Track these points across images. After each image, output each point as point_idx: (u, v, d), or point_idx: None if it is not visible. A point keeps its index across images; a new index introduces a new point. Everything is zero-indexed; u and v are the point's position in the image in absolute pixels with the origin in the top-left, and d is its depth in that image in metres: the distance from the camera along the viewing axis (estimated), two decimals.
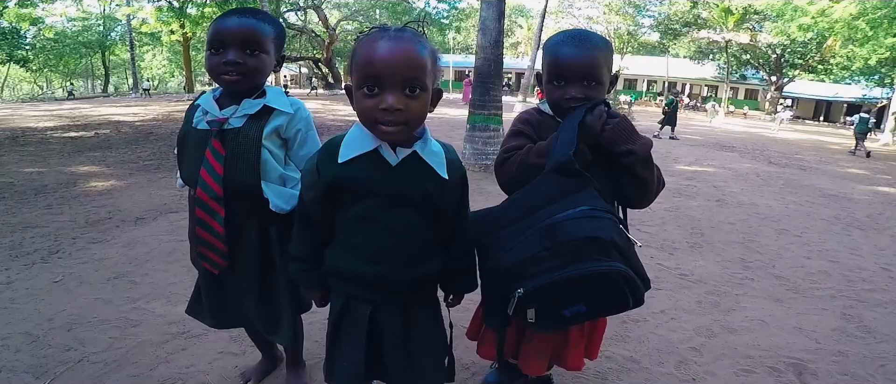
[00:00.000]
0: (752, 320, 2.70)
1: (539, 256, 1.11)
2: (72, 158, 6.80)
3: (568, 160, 1.18)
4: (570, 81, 1.29)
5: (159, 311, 2.42)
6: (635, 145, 1.26)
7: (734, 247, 3.98)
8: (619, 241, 1.13)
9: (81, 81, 43.39)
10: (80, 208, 4.33)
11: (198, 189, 1.35)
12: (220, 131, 1.34)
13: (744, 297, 3.00)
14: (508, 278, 1.14)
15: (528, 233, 1.15)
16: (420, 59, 1.03)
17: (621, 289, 1.13)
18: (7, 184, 5.19)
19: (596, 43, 1.31)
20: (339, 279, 1.20)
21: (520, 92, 19.77)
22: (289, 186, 1.42)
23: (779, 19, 20.38)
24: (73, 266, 3.01)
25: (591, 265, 1.09)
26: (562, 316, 1.16)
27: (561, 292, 1.12)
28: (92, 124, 11.26)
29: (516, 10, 40.73)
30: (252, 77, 1.34)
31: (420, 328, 1.22)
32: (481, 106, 6.34)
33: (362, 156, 1.09)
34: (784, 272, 3.48)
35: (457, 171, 1.18)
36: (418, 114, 1.06)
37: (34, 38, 25.74)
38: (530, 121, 1.41)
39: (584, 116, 1.23)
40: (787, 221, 4.96)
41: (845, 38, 16.63)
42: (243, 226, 1.42)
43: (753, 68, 31.65)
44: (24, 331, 2.25)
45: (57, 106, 18.40)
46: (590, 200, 1.16)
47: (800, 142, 15.49)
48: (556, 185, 1.18)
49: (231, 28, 1.31)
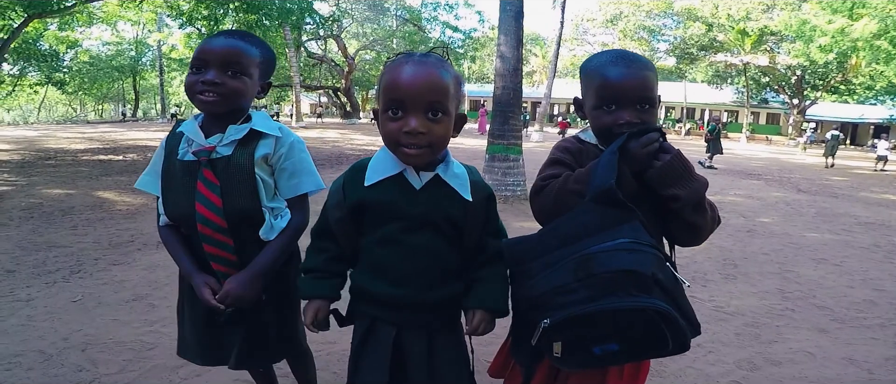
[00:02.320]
0: (797, 351, 2.57)
1: (570, 287, 1.03)
2: (99, 181, 6.95)
3: (610, 188, 1.07)
4: (622, 105, 1.19)
5: (176, 335, 2.35)
6: (684, 190, 1.13)
7: (770, 278, 3.81)
8: (663, 278, 1.03)
9: (111, 105, 44.97)
10: (104, 230, 4.37)
11: (199, 225, 1.27)
12: (209, 161, 1.27)
13: (786, 329, 2.86)
14: (536, 307, 1.07)
15: (562, 263, 1.06)
16: (443, 84, 1.06)
17: (659, 329, 1.01)
18: (36, 204, 5.30)
19: (645, 62, 1.23)
20: (364, 301, 1.20)
21: (536, 121, 19.78)
22: (274, 215, 1.35)
23: (797, 40, 20.03)
24: (94, 287, 3.00)
25: (624, 300, 0.99)
26: (591, 353, 1.05)
27: (591, 327, 1.02)
28: (120, 148, 11.56)
29: (531, 39, 41.20)
30: (231, 99, 1.27)
31: (445, 352, 1.20)
32: (500, 135, 6.25)
33: (387, 179, 1.12)
34: (827, 302, 3.33)
35: (481, 192, 1.18)
36: (441, 137, 1.08)
37: (71, 61, 26.77)
38: (570, 149, 1.29)
39: (626, 141, 1.13)
40: (825, 250, 4.77)
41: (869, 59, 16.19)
42: (249, 252, 1.34)
43: (773, 91, 31.12)
44: (39, 350, 2.22)
45: (90, 128, 19.03)
46: (632, 233, 1.06)
47: (832, 168, 15.05)
48: (597, 216, 1.08)
49: (214, 47, 1.27)
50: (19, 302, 2.75)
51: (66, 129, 18.56)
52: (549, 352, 1.07)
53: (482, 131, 19.44)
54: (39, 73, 23.08)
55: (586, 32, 36.12)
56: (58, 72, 22.65)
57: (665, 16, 33.16)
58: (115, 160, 9.39)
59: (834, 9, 15.59)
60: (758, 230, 5.50)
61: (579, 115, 1.33)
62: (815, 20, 16.60)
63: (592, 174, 1.13)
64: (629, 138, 1.13)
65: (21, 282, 3.05)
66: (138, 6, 12.34)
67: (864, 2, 14.47)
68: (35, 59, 18.21)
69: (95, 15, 16.41)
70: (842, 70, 24.75)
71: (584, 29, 36.33)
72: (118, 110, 42.91)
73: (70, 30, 18.42)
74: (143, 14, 15.66)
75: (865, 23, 14.18)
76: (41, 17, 11.50)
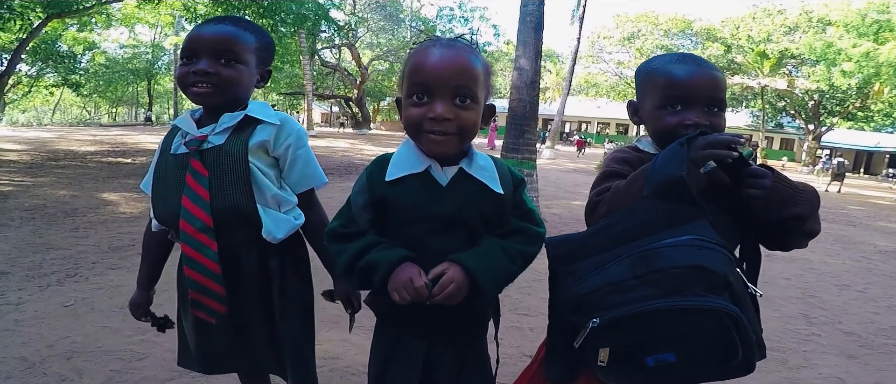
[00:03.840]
0: (827, 377, 2.50)
1: (627, 284, 0.88)
2: (105, 184, 6.91)
3: (679, 180, 0.92)
4: (689, 105, 1.07)
5: (169, 346, 2.24)
6: (801, 207, 1.01)
7: (793, 303, 3.69)
8: (735, 283, 0.88)
9: (125, 109, 45.52)
10: (105, 233, 4.29)
11: (181, 221, 1.14)
12: (199, 151, 1.16)
13: (813, 354, 2.77)
14: (583, 308, 0.92)
15: (617, 260, 0.92)
16: (473, 69, 0.98)
17: (727, 339, 0.85)
18: (39, 205, 5.25)
19: (713, 65, 1.12)
20: (390, 311, 1.05)
21: (549, 138, 19.63)
22: (283, 210, 1.22)
23: (819, 63, 19.77)
24: (88, 291, 2.90)
25: (692, 300, 0.84)
26: (643, 365, 0.89)
27: (648, 331, 0.87)
28: (130, 151, 11.59)
29: (545, 55, 41.00)
30: (226, 89, 1.17)
31: (475, 365, 1.11)
32: (514, 149, 6.05)
33: (411, 177, 1.01)
34: (853, 328, 3.25)
35: (510, 183, 1.08)
36: (470, 124, 0.99)
37: (88, 63, 27.06)
38: (628, 159, 1.16)
39: (695, 137, 0.98)
40: (847, 277, 4.65)
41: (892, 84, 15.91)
42: (242, 263, 1.21)
43: (790, 116, 30.79)
44: (21, 357, 2.12)
45: (104, 131, 19.18)
46: (701, 231, 0.91)
47: (843, 195, 14.78)
48: (660, 213, 0.93)
49: (204, 34, 1.16)
50: (9, 305, 2.65)
51: (80, 132, 18.74)
52: (594, 360, 0.91)
53: (491, 146, 19.34)
54: (56, 74, 23.36)
55: (602, 50, 35.97)
56: (74, 73, 22.86)
57: (683, 36, 32.96)
58: (124, 163, 9.38)
59: (859, 32, 15.37)
60: (776, 255, 5.24)
61: (634, 120, 1.21)
62: (840, 43, 16.36)
63: (653, 168, 0.98)
64: (699, 135, 0.98)
65: (14, 284, 2.96)
66: (155, 7, 12.44)
67: (891, 25, 14.24)
68: (53, 59, 18.44)
69: (114, 16, 16.64)
70: (862, 96, 24.42)
71: (600, 46, 36.20)
72: (132, 114, 43.45)
73: (89, 31, 18.65)
74: (160, 16, 15.82)
75: (891, 47, 13.92)
76: (60, 17, 11.63)
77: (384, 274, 0.96)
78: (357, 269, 0.99)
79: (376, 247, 1.00)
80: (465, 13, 27.81)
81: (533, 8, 5.88)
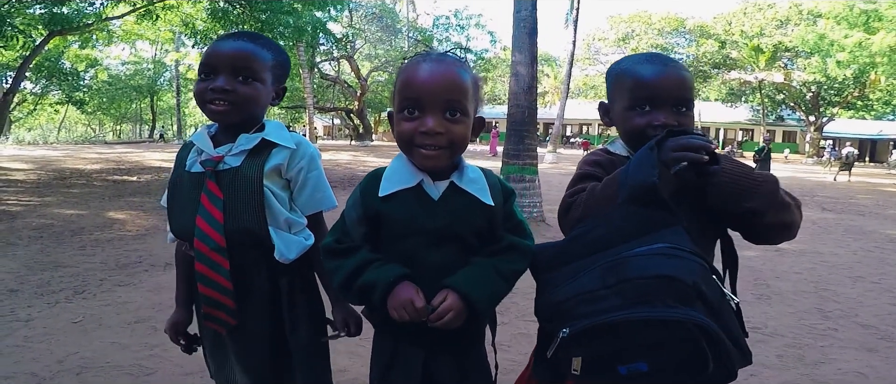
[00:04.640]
0: (847, 372, 2.43)
1: (597, 294, 0.89)
2: (112, 202, 6.94)
3: (651, 186, 0.92)
4: (657, 105, 1.08)
5: (177, 361, 2.24)
6: (757, 200, 0.98)
7: (807, 297, 3.63)
8: (708, 292, 0.87)
9: (129, 125, 45.80)
10: (112, 251, 4.29)
11: (195, 241, 1.16)
12: (215, 172, 1.16)
13: (830, 349, 2.71)
14: (556, 317, 0.93)
15: (589, 269, 0.93)
16: (462, 83, 1.01)
17: (699, 350, 0.84)
18: (47, 224, 5.27)
19: (681, 63, 1.13)
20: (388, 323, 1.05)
21: (550, 142, 19.61)
22: (294, 232, 1.23)
23: (813, 55, 19.68)
24: (96, 308, 2.90)
25: (659, 310, 0.83)
26: (616, 373, 0.90)
27: (618, 341, 0.87)
28: (135, 169, 11.65)
29: (543, 59, 41.27)
30: (243, 107, 1.17)
31: (475, 372, 1.12)
32: (515, 155, 6.05)
33: (404, 192, 1.03)
34: (870, 320, 3.18)
35: (501, 194, 1.09)
36: (460, 138, 1.01)
37: (92, 80, 27.22)
38: (600, 162, 1.17)
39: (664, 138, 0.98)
40: (860, 268, 4.57)
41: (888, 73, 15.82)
42: (252, 279, 1.23)
43: (789, 108, 30.64)
44: (31, 372, 2.11)
45: (109, 148, 19.30)
46: (672, 238, 0.91)
47: (850, 185, 14.67)
48: (633, 219, 0.94)
49: (223, 51, 1.17)
50: (18, 322, 2.65)
51: (85, 149, 18.86)
52: (568, 370, 0.92)
53: (493, 153, 19.31)
54: (61, 91, 23.52)
55: (598, 52, 36.11)
56: (78, 90, 23.00)
57: (677, 34, 33.03)
58: (130, 181, 9.42)
59: (850, 23, 15.35)
60: (786, 248, 5.25)
61: (605, 121, 1.21)
62: (832, 34, 16.33)
63: (625, 174, 0.98)
64: (668, 136, 0.98)
65: (23, 301, 2.97)
66: (154, 23, 12.52)
67: (879, 15, 14.23)
68: (56, 76, 18.58)
69: (115, 33, 16.77)
70: (859, 85, 24.29)
71: (596, 48, 36.35)
72: (136, 131, 43.70)
73: (90, 48, 18.76)
74: (159, 33, 15.93)
75: (883, 36, 13.91)
76: (61, 34, 11.70)
77: (383, 293, 0.98)
78: (355, 288, 1.01)
79: (372, 265, 1.01)
80: (462, 21, 27.88)
81: (526, 14, 5.91)
